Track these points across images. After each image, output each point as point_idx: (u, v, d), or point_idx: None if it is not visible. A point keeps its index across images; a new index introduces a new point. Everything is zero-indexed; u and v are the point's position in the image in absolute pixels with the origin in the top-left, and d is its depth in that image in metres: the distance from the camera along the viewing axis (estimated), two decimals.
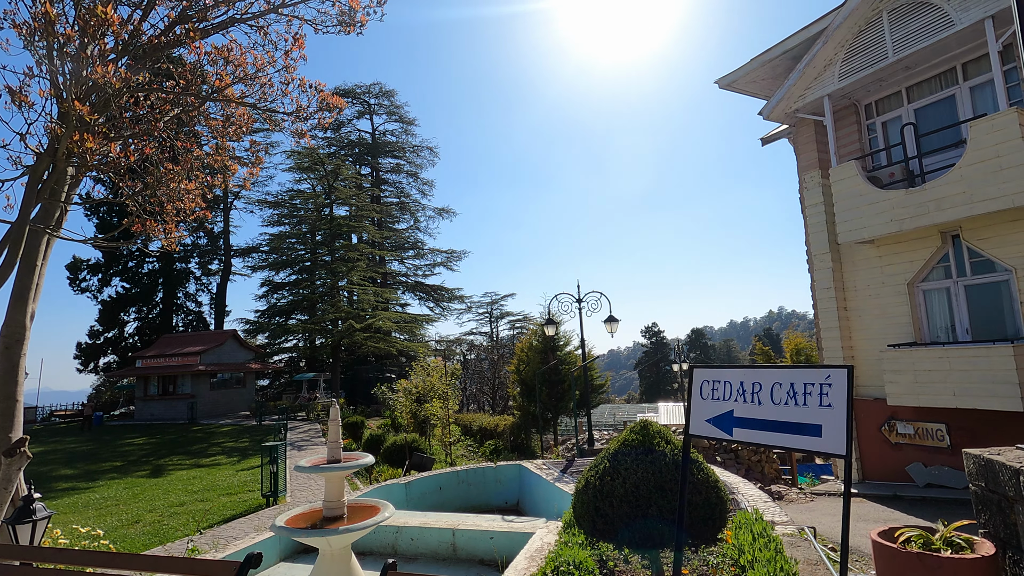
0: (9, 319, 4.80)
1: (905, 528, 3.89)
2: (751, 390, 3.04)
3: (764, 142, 16.11)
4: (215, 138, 6.71)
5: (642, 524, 3.79)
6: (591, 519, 4.07)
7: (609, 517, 3.92)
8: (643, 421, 4.45)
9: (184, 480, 14.70)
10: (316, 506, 5.39)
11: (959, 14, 10.45)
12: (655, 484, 3.88)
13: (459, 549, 6.49)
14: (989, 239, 10.77)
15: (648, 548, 3.86)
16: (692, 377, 3.44)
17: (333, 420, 5.30)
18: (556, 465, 10.30)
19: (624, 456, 4.15)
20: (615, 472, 4.09)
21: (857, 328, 13.05)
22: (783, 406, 2.85)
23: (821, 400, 2.70)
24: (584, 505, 4.16)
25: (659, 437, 4.25)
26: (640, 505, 3.83)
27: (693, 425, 3.36)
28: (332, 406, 5.31)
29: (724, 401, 3.16)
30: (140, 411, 39.33)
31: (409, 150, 52.30)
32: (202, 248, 50.70)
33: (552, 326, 13.90)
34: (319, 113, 6.94)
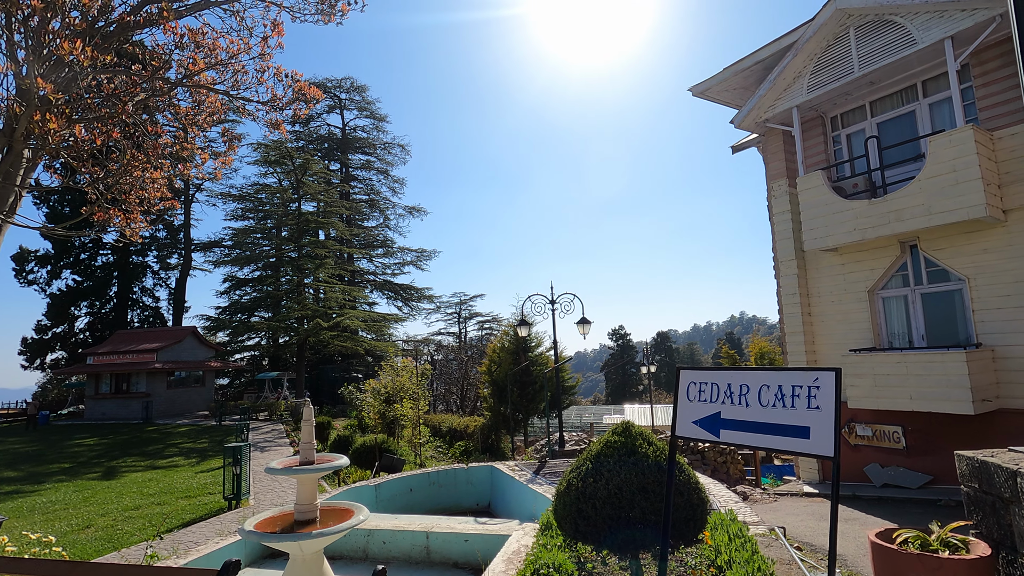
0: None
1: (902, 530, 3.99)
2: (739, 392, 3.06)
3: (735, 150, 16.48)
4: (184, 126, 6.43)
5: (625, 526, 3.78)
6: (573, 521, 4.04)
7: (592, 519, 3.90)
8: (625, 423, 4.46)
9: (139, 482, 14.06)
10: (287, 509, 5.20)
11: (921, 33, 10.89)
12: (638, 486, 3.88)
13: (433, 552, 6.38)
14: (945, 249, 11.26)
15: (631, 550, 3.85)
16: (679, 379, 3.45)
17: (307, 421, 5.12)
18: (528, 467, 10.28)
19: (607, 458, 4.13)
20: (597, 474, 4.07)
21: (820, 333, 13.46)
22: (771, 408, 2.88)
23: (809, 402, 2.73)
24: (566, 507, 4.13)
25: (641, 439, 4.25)
26: (623, 507, 3.82)
27: (679, 427, 3.36)
28: (306, 406, 5.13)
29: (711, 403, 3.18)
30: (91, 410, 37.58)
31: (380, 147, 51.64)
32: (161, 241, 48.82)
33: (525, 327, 13.87)
34: (295, 103, 6.74)
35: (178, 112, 5.64)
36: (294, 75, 6.64)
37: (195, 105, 6.43)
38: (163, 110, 5.46)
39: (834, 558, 2.56)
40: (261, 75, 6.12)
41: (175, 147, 5.86)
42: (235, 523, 8.91)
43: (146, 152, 5.65)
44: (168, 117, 5.81)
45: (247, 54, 6.28)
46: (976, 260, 10.82)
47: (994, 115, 10.72)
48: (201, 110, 6.51)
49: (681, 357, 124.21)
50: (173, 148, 6.46)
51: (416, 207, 51.90)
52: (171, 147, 5.70)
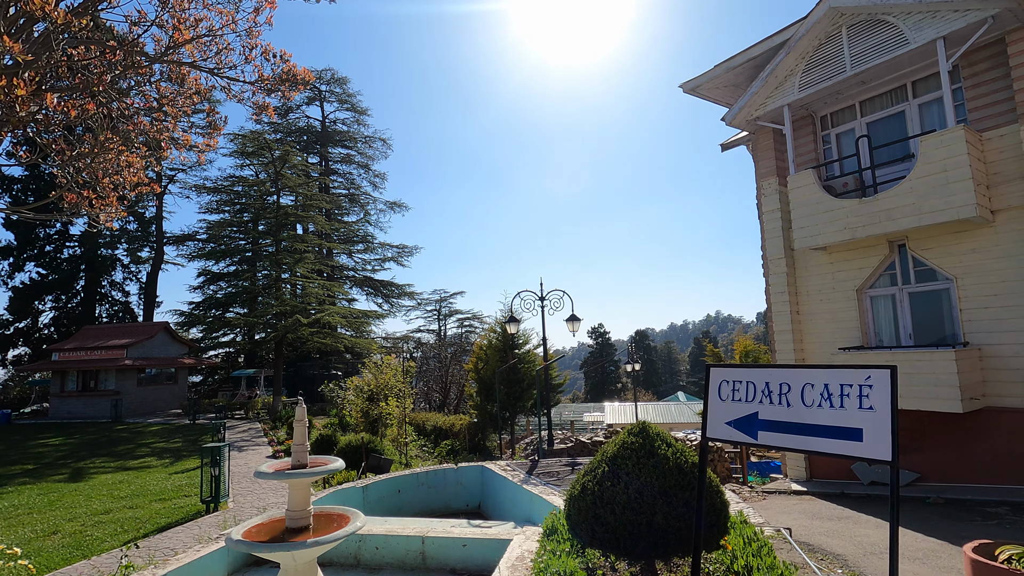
0: None
1: (1006, 545, 3.78)
2: (779, 391, 2.87)
3: (724, 148, 16.47)
4: (163, 107, 6.00)
5: (647, 532, 3.57)
6: (590, 527, 3.81)
7: (611, 525, 3.68)
8: (641, 423, 4.24)
9: (109, 485, 13.42)
10: (276, 515, 4.87)
11: (913, 33, 10.93)
12: (659, 489, 3.67)
13: (429, 558, 6.09)
14: (933, 249, 11.36)
15: (652, 557, 3.65)
16: (709, 377, 3.24)
17: (299, 421, 4.79)
18: (521, 467, 10.04)
19: (624, 460, 3.91)
20: (615, 477, 3.85)
21: (809, 331, 13.50)
22: (816, 408, 2.69)
23: (860, 402, 2.55)
24: (581, 512, 3.90)
25: (659, 440, 4.04)
26: (644, 512, 3.61)
27: (710, 428, 3.16)
28: (299, 405, 4.80)
29: (747, 403, 2.98)
30: (56, 408, 36.15)
31: (361, 140, 50.74)
32: (131, 234, 47.20)
33: (514, 324, 13.61)
34: (283, 85, 6.35)
35: (159, 91, 5.24)
36: (283, 55, 6.27)
37: (176, 85, 6.00)
38: (142, 86, 5.04)
39: (895, 561, 2.37)
40: (249, 52, 5.74)
41: (153, 130, 5.44)
42: (214, 528, 8.49)
43: (122, 133, 5.23)
44: (148, 96, 5.39)
45: (232, 30, 5.89)
46: (964, 260, 10.93)
47: (983, 116, 10.83)
48: (181, 91, 6.09)
49: (659, 355, 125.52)
50: (151, 131, 6.02)
51: (397, 202, 51.20)
52: (149, 129, 5.28)
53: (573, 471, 9.43)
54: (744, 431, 2.96)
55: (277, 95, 6.39)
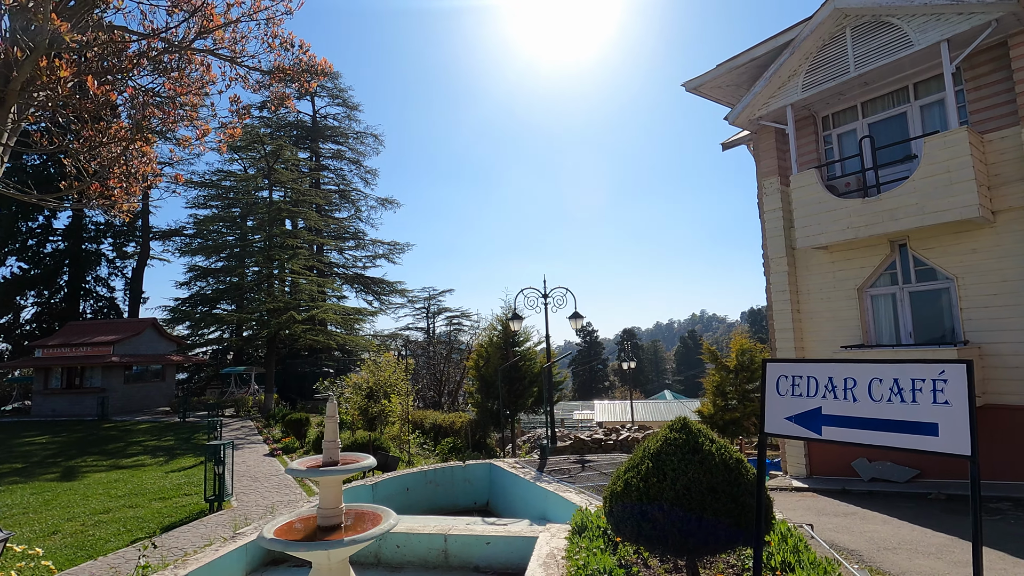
0: None
1: None
2: (843, 386, 2.86)
3: (725, 147, 16.56)
4: (180, 95, 5.85)
5: (697, 529, 3.55)
6: (636, 524, 3.79)
7: (658, 522, 3.65)
8: (682, 418, 4.23)
9: (104, 483, 13.14)
10: (306, 513, 4.77)
11: (918, 35, 11.05)
12: (707, 486, 3.65)
13: (452, 556, 6.03)
14: (934, 249, 11.52)
15: (703, 554, 3.63)
16: (765, 372, 3.23)
17: (331, 417, 4.70)
18: (530, 464, 10.00)
19: (669, 456, 3.89)
20: (660, 473, 3.83)
21: (809, 330, 13.62)
22: (886, 403, 2.69)
23: (935, 397, 2.55)
24: (626, 509, 3.87)
25: (703, 435, 4.03)
26: (694, 509, 3.59)
27: (769, 423, 3.14)
28: (330, 402, 4.71)
29: (809, 398, 2.97)
30: (39, 406, 35.37)
31: (352, 136, 50.29)
32: (117, 228, 46.28)
33: (517, 321, 13.58)
34: (302, 76, 6.24)
35: (182, 79, 5.09)
36: (302, 44, 6.15)
37: (205, 68, 5.85)
38: (171, 72, 4.88)
39: (980, 564, 2.38)
40: (272, 41, 5.61)
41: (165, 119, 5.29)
42: (221, 527, 8.35)
43: (138, 122, 5.06)
44: (167, 84, 5.24)
45: (253, 18, 5.75)
46: (964, 260, 11.09)
47: (985, 118, 10.99)
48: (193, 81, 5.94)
49: (645, 354, 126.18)
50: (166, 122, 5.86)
51: (389, 199, 50.86)
52: (162, 119, 5.13)
53: (584, 468, 9.44)
54: (807, 426, 2.96)
55: (293, 86, 6.27)
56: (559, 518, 7.40)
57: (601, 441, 15.57)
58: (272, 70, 6.09)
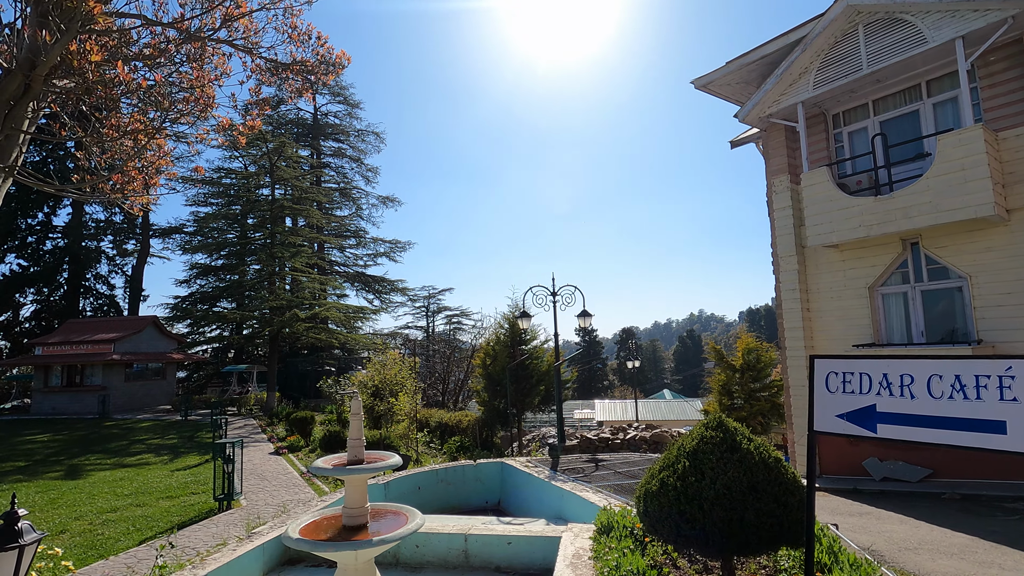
0: None
1: None
2: (899, 383, 2.78)
3: (733, 145, 16.49)
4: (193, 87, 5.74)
5: (739, 529, 3.47)
6: (674, 524, 3.70)
7: (698, 522, 3.57)
8: (717, 416, 4.15)
9: (109, 482, 13.03)
10: (330, 512, 4.69)
11: (932, 32, 10.97)
12: (748, 485, 3.57)
13: (472, 556, 5.94)
14: (946, 247, 11.44)
15: (745, 555, 3.55)
16: (813, 368, 3.15)
17: (355, 414, 4.61)
18: (542, 463, 9.93)
19: (706, 455, 3.81)
20: (698, 472, 3.75)
21: (819, 329, 13.55)
22: (947, 401, 2.61)
23: (1002, 394, 2.48)
24: (663, 509, 3.79)
25: (740, 434, 3.95)
26: (735, 508, 3.51)
27: (818, 421, 3.06)
28: (354, 399, 4.62)
29: (861, 395, 2.89)
30: (39, 404, 35.22)
31: (353, 134, 50.11)
32: (117, 226, 46.10)
33: (526, 319, 13.49)
34: (319, 69, 6.13)
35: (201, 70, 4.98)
36: (320, 36, 6.04)
37: (210, 65, 5.74)
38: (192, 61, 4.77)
39: None
40: (292, 32, 5.50)
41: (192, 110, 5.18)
42: (232, 526, 8.25)
43: (165, 111, 4.93)
44: (185, 75, 5.13)
45: (271, 8, 5.65)
46: (978, 259, 11.02)
47: (999, 116, 10.92)
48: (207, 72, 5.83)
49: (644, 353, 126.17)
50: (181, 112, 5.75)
51: (390, 197, 50.69)
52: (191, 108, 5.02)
53: (598, 467, 9.36)
54: (860, 424, 2.88)
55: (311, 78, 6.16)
56: (577, 517, 7.33)
57: (608, 440, 15.49)
58: (290, 63, 5.98)
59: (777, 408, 19.01)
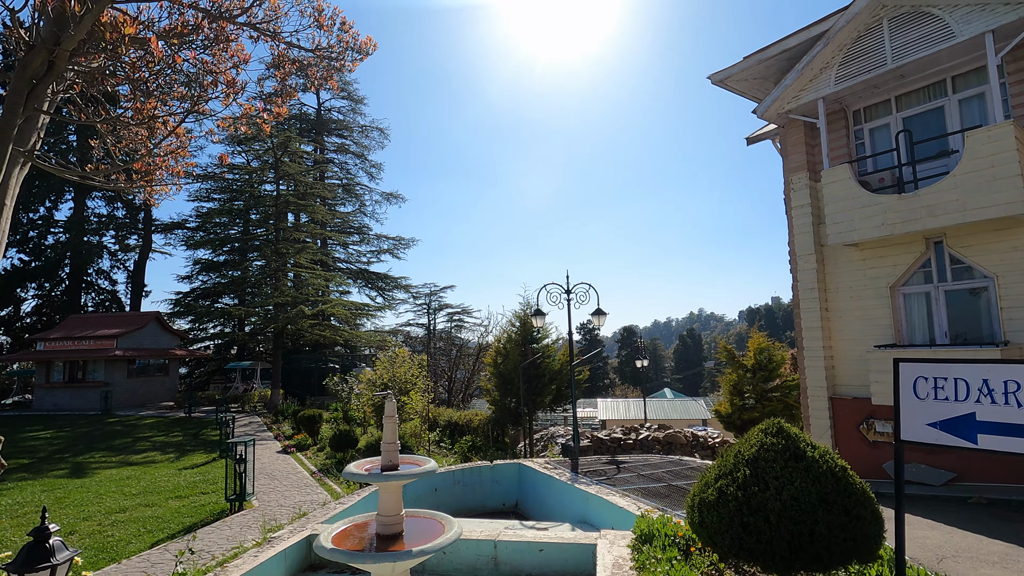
0: None
1: None
2: (1002, 389, 2.56)
3: (749, 142, 16.24)
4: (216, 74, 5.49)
5: (809, 543, 3.25)
6: (736, 535, 3.49)
7: (763, 534, 3.36)
8: (776, 421, 3.93)
9: (116, 480, 12.81)
10: (360, 519, 4.46)
11: (960, 26, 10.72)
12: (818, 496, 3.36)
13: (502, 563, 5.73)
14: (972, 246, 11.20)
15: (814, 570, 3.34)
16: (898, 372, 2.92)
17: (389, 417, 4.38)
18: (561, 464, 9.71)
19: (768, 463, 3.59)
20: (761, 481, 3.53)
21: (837, 329, 13.32)
22: None
23: None
24: (723, 520, 3.57)
25: (802, 440, 3.73)
26: (805, 521, 3.29)
27: (906, 429, 2.85)
28: (388, 400, 4.39)
29: (957, 402, 2.68)
30: (40, 400, 35.01)
31: (357, 129, 49.77)
32: (119, 220, 45.83)
33: (540, 317, 13.25)
34: (346, 54, 5.88)
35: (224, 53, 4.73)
36: (344, 21, 5.79)
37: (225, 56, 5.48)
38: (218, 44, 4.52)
39: None
40: (320, 15, 5.25)
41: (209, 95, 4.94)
42: (246, 528, 8.04)
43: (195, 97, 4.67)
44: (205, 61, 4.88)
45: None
46: (1005, 258, 10.78)
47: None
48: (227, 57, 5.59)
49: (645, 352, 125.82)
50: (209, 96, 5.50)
51: (393, 193, 50.35)
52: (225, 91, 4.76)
53: (619, 470, 9.14)
54: (957, 434, 2.66)
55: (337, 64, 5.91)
56: (604, 522, 7.11)
57: (620, 440, 15.29)
58: (314, 48, 5.74)
59: (789, 409, 18.79)
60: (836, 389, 13.30)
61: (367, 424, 18.25)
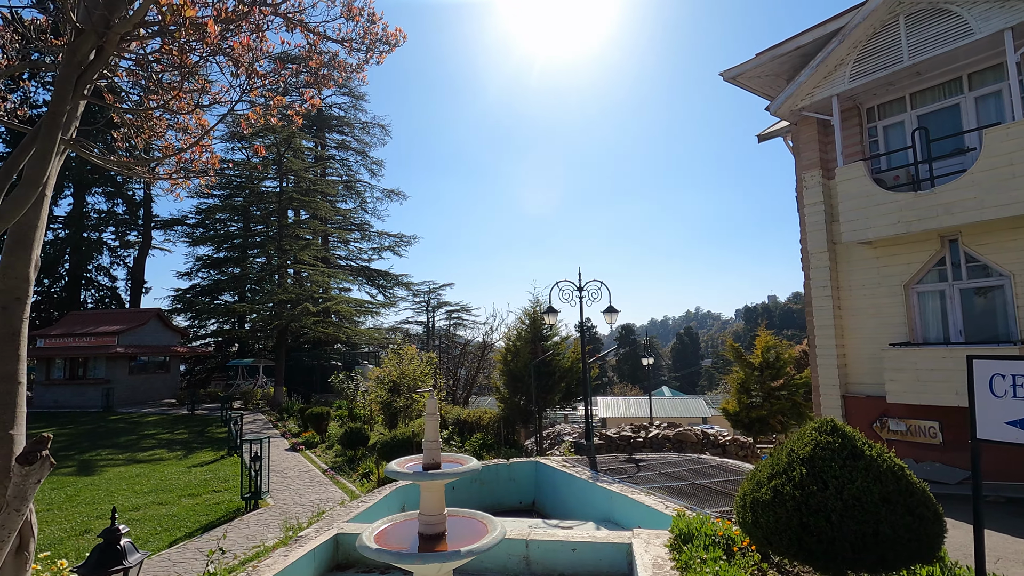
0: (5, 270, 3.43)
1: None
2: None
3: (761, 139, 16.17)
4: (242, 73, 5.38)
5: (873, 544, 3.20)
6: (795, 536, 3.42)
7: (824, 535, 3.30)
8: (829, 419, 3.87)
9: (126, 478, 12.70)
10: (399, 518, 4.39)
11: (979, 23, 10.67)
12: (880, 496, 3.30)
13: (534, 563, 5.67)
14: (988, 245, 11.16)
15: (877, 572, 3.28)
16: (972, 370, 2.86)
17: (431, 414, 4.30)
18: (580, 463, 9.65)
19: (826, 462, 3.53)
20: (819, 481, 3.47)
21: (850, 327, 13.29)
22: None
23: None
24: (780, 520, 3.51)
25: (859, 439, 3.67)
26: (868, 521, 3.24)
27: (982, 428, 2.79)
28: (429, 397, 4.32)
29: None
30: (40, 397, 34.80)
31: (358, 126, 49.52)
32: (119, 217, 45.53)
33: (553, 315, 13.19)
34: (376, 46, 5.79)
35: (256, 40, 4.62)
36: (372, 13, 5.69)
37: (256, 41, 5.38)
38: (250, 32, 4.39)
39: None
40: (350, 4, 5.15)
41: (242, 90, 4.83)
42: (265, 527, 7.96)
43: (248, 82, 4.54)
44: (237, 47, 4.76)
45: None
46: (1022, 256, 10.75)
47: None
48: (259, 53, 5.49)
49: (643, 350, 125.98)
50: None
51: (395, 190, 50.14)
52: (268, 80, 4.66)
53: (639, 468, 9.09)
54: None
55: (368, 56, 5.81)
56: (628, 521, 7.05)
57: (630, 439, 15.24)
58: (341, 39, 5.64)
59: (797, 407, 18.78)
60: (848, 387, 13.27)
61: (373, 422, 18.17)
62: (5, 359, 3.42)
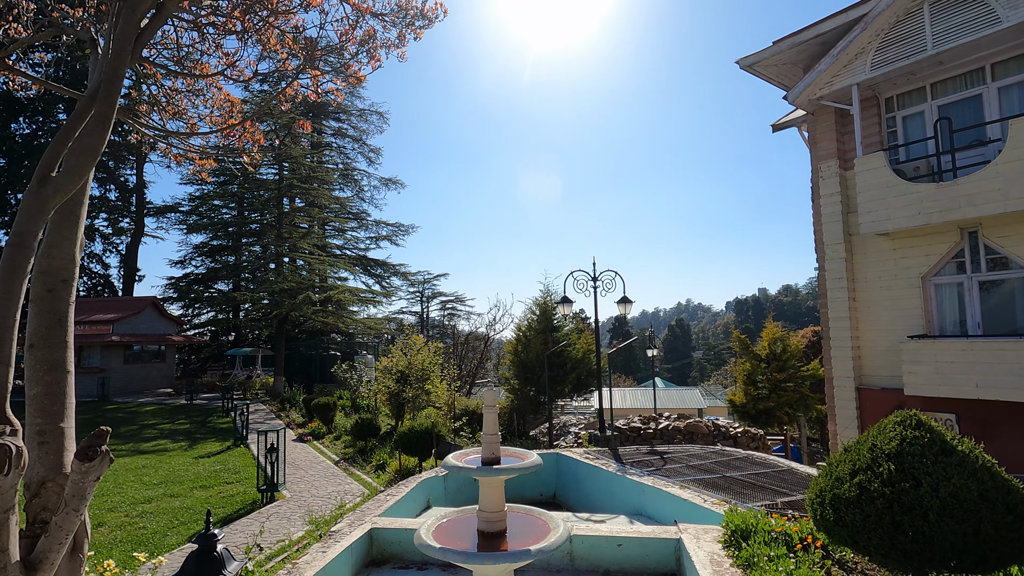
0: (51, 249, 3.20)
1: None
2: None
3: (775, 128, 16.01)
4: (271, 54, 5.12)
5: (975, 544, 3.06)
6: (887, 535, 3.28)
7: (922, 534, 3.16)
8: (912, 412, 3.72)
9: (132, 470, 12.45)
10: (454, 514, 4.22)
11: (1007, 12, 10.51)
12: (978, 494, 3.16)
13: (578, 558, 5.52)
14: (1010, 237, 11.09)
15: (978, 572, 3.15)
16: None
17: (490, 407, 4.12)
18: (601, 454, 9.52)
19: (916, 458, 3.39)
20: (911, 478, 3.33)
21: (865, 319, 13.23)
22: None
23: None
24: (868, 518, 3.37)
25: (949, 433, 3.53)
26: (968, 520, 3.10)
27: None
28: (488, 389, 4.14)
29: None
30: None
31: (355, 113, 48.77)
32: (111, 203, 44.70)
33: (567, 305, 13.00)
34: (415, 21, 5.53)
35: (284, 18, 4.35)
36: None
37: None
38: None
39: None
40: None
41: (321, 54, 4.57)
42: (284, 520, 7.78)
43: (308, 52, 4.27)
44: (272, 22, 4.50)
45: None
46: None
47: None
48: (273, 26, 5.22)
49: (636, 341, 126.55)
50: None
51: (392, 179, 49.49)
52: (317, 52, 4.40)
53: (665, 460, 8.97)
54: None
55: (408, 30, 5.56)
56: (662, 515, 6.93)
57: (640, 430, 15.18)
58: (383, 13, 5.38)
59: (805, 399, 18.78)
60: (863, 379, 13.23)
61: (378, 412, 17.98)
62: (53, 346, 3.19)
